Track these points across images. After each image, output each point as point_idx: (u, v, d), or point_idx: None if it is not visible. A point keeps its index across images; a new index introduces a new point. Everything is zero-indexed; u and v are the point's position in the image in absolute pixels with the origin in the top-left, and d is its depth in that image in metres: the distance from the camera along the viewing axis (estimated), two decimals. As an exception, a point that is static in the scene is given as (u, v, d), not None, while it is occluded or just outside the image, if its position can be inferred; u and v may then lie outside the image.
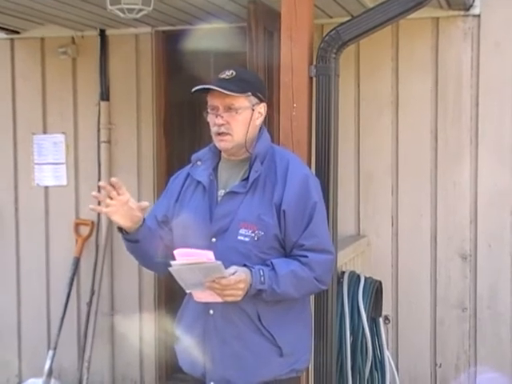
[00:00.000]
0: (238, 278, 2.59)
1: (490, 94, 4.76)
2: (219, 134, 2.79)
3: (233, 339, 2.75)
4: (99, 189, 2.77)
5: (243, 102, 2.79)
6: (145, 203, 2.72)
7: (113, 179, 2.67)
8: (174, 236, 2.86)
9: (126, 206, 2.67)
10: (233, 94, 2.75)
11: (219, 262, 2.54)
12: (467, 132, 4.80)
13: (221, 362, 2.77)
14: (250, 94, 2.80)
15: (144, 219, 2.76)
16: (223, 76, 2.80)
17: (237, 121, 2.78)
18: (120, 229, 2.76)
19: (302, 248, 2.73)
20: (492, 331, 4.81)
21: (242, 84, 2.78)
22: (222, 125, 2.77)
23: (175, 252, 2.57)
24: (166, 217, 2.91)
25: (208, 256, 2.54)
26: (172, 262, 2.57)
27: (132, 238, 2.78)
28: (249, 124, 2.80)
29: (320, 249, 2.75)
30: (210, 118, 2.83)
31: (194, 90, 2.81)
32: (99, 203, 2.71)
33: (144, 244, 2.80)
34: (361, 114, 5.02)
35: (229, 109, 2.77)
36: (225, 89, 2.73)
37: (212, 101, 2.80)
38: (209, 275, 2.55)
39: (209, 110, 2.83)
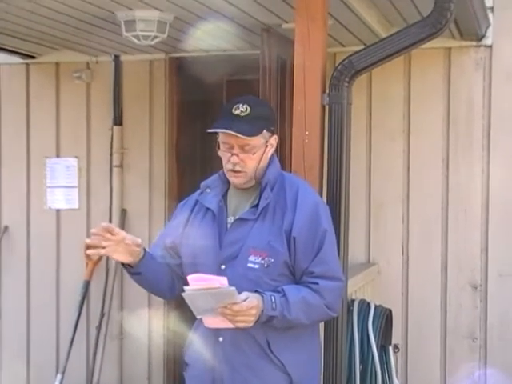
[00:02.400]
0: (249, 304, 2.58)
1: (501, 123, 4.77)
2: (234, 171, 2.79)
3: (242, 367, 2.74)
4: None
5: (258, 140, 2.77)
6: (138, 239, 2.76)
7: (103, 224, 2.74)
8: (184, 262, 2.87)
9: (122, 244, 2.73)
10: (250, 138, 2.73)
11: (233, 288, 2.54)
12: (479, 161, 4.81)
13: (230, 389, 2.76)
14: (264, 131, 2.79)
15: (145, 252, 2.80)
16: (237, 112, 2.75)
17: (252, 159, 2.77)
18: (123, 264, 2.81)
19: (312, 275, 2.72)
20: (503, 361, 4.78)
21: (258, 122, 2.76)
22: (237, 163, 2.76)
23: (189, 277, 2.58)
24: (173, 243, 2.91)
25: (221, 282, 2.54)
26: (185, 288, 2.57)
27: (134, 271, 2.82)
28: (261, 158, 2.81)
29: (330, 276, 2.75)
30: (223, 155, 2.81)
31: (209, 131, 2.77)
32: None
33: (147, 275, 2.84)
34: (372, 141, 5.04)
35: (244, 148, 2.76)
36: (241, 130, 2.70)
37: (226, 139, 2.77)
38: (221, 301, 2.55)
39: (222, 147, 2.81)
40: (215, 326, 2.68)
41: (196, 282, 2.55)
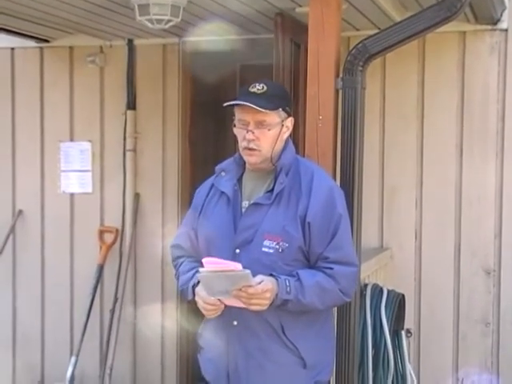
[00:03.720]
0: (264, 287, 2.60)
1: (516, 108, 4.75)
2: (249, 149, 2.80)
3: (256, 350, 2.76)
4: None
5: (274, 118, 2.78)
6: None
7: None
8: (199, 246, 2.88)
9: None
10: (267, 111, 2.74)
11: (248, 271, 2.55)
12: (493, 146, 4.79)
13: (244, 373, 2.78)
14: (280, 109, 2.80)
15: None
16: (254, 90, 2.78)
17: (267, 137, 2.78)
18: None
19: (327, 260, 2.73)
20: (515, 347, 4.78)
21: (274, 99, 2.77)
22: (252, 140, 2.77)
23: (204, 260, 2.60)
24: (194, 229, 2.93)
25: (236, 266, 2.56)
26: (200, 269, 2.59)
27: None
28: (277, 139, 2.81)
29: (345, 261, 2.76)
30: (239, 132, 2.82)
31: (226, 104, 2.79)
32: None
33: None
34: (386, 126, 5.02)
35: (260, 125, 2.76)
36: (257, 105, 2.72)
37: (242, 115, 2.79)
38: (236, 283, 2.57)
39: (237, 124, 2.82)
40: (230, 304, 2.69)
41: (211, 265, 2.57)
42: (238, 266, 2.56)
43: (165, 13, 4.13)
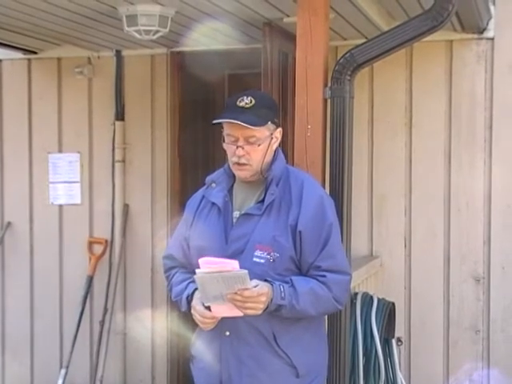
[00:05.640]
0: (260, 290, 2.60)
1: (503, 116, 4.77)
2: (239, 164, 2.79)
3: (249, 360, 2.75)
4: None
5: (264, 132, 2.77)
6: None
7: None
8: (191, 256, 2.88)
9: None
10: (256, 128, 2.73)
11: (245, 271, 2.54)
12: (481, 153, 4.81)
13: (237, 381, 2.77)
14: (269, 122, 2.79)
15: None
16: (242, 104, 2.75)
17: (257, 152, 2.77)
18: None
19: (320, 269, 2.73)
20: (505, 354, 4.79)
21: (262, 113, 2.76)
22: (243, 156, 2.76)
23: (200, 260, 2.58)
24: (186, 240, 2.93)
25: (233, 265, 2.55)
26: (197, 270, 2.57)
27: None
28: (266, 151, 2.80)
29: (337, 269, 2.76)
30: (229, 148, 2.81)
31: (215, 122, 2.78)
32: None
33: None
34: (374, 134, 5.04)
35: (250, 140, 2.75)
36: (246, 121, 2.70)
37: (231, 131, 2.77)
38: (232, 286, 2.55)
39: (226, 140, 2.81)
40: (222, 315, 2.68)
41: (207, 265, 2.55)
42: (236, 265, 2.54)
43: (153, 23, 4.14)
